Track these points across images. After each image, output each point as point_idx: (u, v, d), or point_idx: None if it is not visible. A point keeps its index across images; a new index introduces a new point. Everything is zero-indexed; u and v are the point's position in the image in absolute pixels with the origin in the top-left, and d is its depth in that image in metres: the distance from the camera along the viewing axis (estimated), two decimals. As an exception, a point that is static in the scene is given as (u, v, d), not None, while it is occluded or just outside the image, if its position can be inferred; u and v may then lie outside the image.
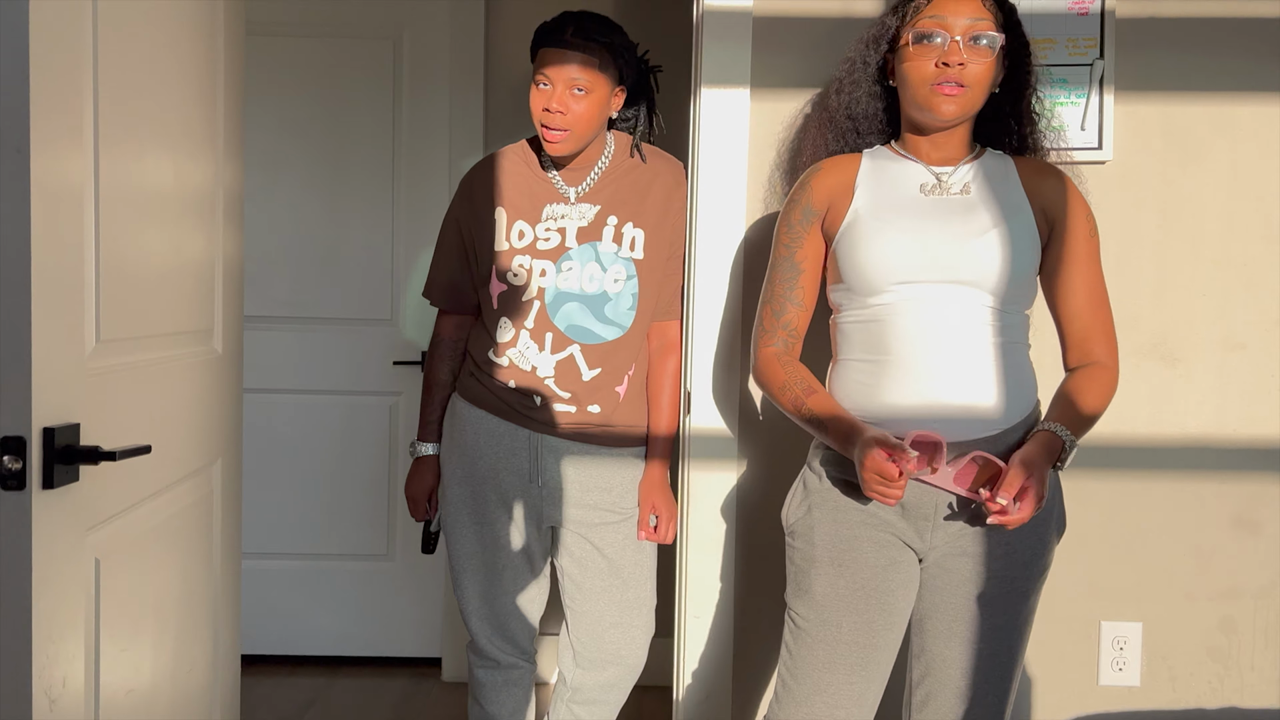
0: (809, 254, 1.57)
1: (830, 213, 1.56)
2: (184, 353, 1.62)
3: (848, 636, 1.49)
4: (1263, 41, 1.95)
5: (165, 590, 1.56)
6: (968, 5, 1.46)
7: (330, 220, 3.07)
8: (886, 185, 1.54)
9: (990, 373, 1.46)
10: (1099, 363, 1.53)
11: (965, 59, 1.44)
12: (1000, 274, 1.45)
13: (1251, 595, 2.01)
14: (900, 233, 1.48)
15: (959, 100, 1.46)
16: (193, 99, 1.61)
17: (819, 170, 1.59)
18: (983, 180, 1.53)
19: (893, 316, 1.47)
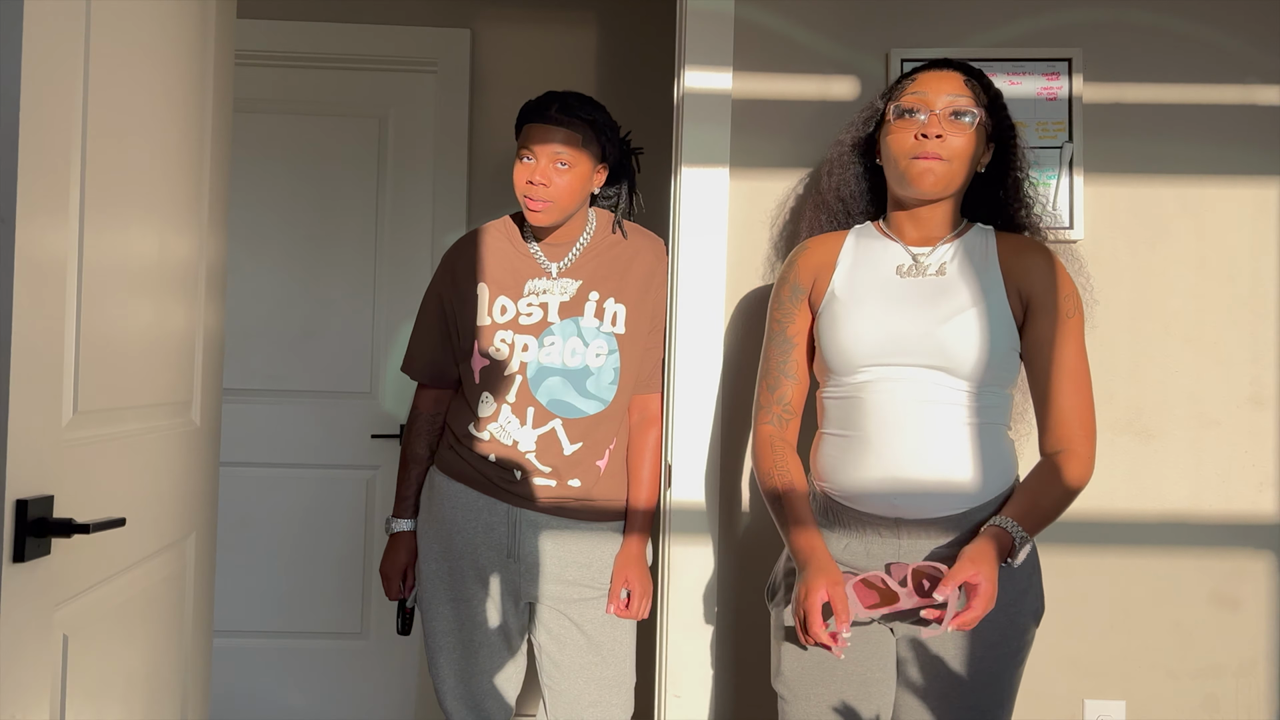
0: (800, 328, 1.61)
1: (814, 289, 1.60)
2: (162, 424, 1.61)
3: (815, 713, 1.50)
4: (1225, 126, 2.02)
5: (134, 668, 1.53)
6: (949, 83, 1.51)
7: (311, 294, 3.08)
8: (865, 265, 1.57)
9: (957, 452, 1.47)
10: (1067, 450, 1.49)
11: (944, 131, 1.48)
12: (968, 358, 1.47)
13: (1233, 673, 2.01)
14: (871, 316, 1.51)
15: (937, 172, 1.49)
16: (179, 172, 1.63)
17: (805, 248, 1.64)
18: (960, 260, 1.54)
19: (864, 395, 1.50)
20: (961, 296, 1.50)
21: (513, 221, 1.99)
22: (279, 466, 3.08)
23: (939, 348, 1.47)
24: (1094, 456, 1.52)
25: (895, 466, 1.47)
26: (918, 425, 1.47)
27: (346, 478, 3.09)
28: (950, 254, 1.55)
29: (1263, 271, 2.02)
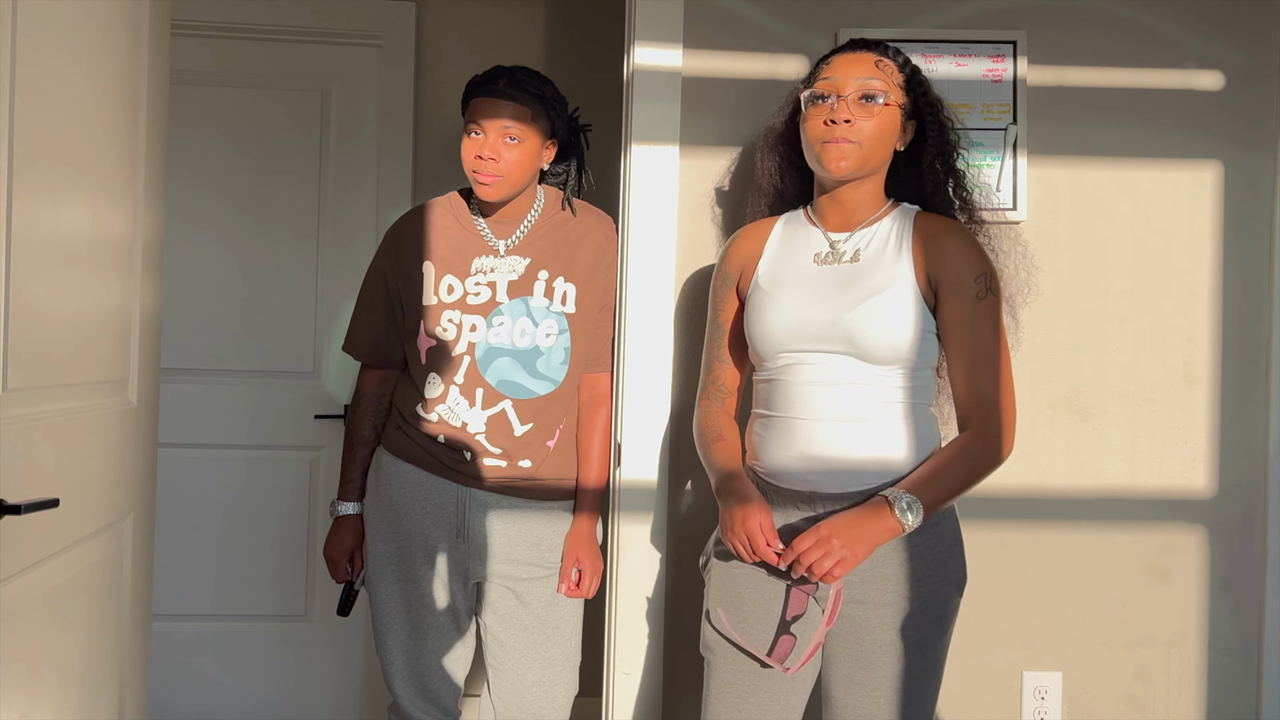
0: (729, 315, 1.69)
1: (742, 278, 1.66)
2: (97, 403, 1.56)
3: (741, 679, 1.55)
4: (1164, 110, 2.06)
5: (69, 653, 1.49)
6: (859, 65, 1.54)
7: (252, 271, 3.01)
8: (787, 254, 1.62)
9: (867, 432, 1.51)
10: (978, 430, 1.52)
11: (852, 116, 1.51)
12: (875, 343, 1.50)
13: (1164, 644, 2.07)
14: (786, 305, 1.56)
15: (850, 155, 1.51)
16: (112, 145, 1.58)
17: (737, 237, 1.69)
18: (875, 246, 1.57)
19: (784, 378, 1.56)
20: (871, 283, 1.53)
21: (459, 198, 1.96)
22: (220, 447, 3.02)
23: (846, 335, 1.51)
24: (1007, 435, 1.53)
25: (809, 445, 1.52)
26: (830, 407, 1.52)
27: (289, 459, 3.04)
28: (866, 240, 1.58)
29: (1197, 253, 2.07)
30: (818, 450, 1.52)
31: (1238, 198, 2.07)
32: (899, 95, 1.55)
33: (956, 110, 2.01)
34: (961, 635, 2.05)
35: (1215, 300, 2.07)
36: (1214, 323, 2.07)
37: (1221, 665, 2.07)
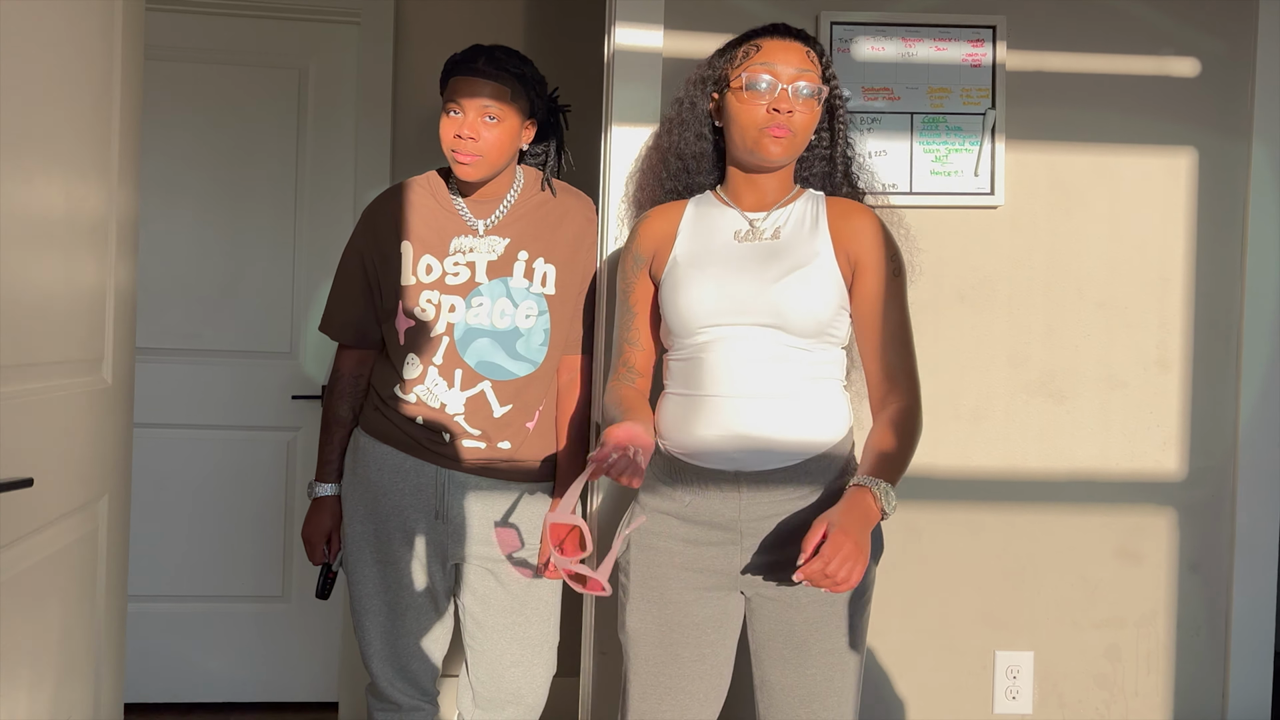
0: (640, 297, 1.68)
1: (655, 259, 1.66)
2: (71, 382, 1.55)
3: (655, 669, 1.57)
4: (1140, 97, 2.08)
5: (45, 633, 1.48)
6: (794, 56, 1.56)
7: (229, 250, 2.99)
8: (704, 232, 1.63)
9: (792, 407, 1.53)
10: (899, 404, 1.55)
11: (794, 107, 1.54)
12: (800, 315, 1.53)
13: (1134, 624, 2.10)
14: (710, 279, 1.57)
15: (785, 144, 1.54)
16: (87, 121, 1.56)
17: (647, 218, 1.69)
18: (793, 225, 1.60)
19: (705, 355, 1.56)
20: (793, 258, 1.56)
21: (438, 177, 1.95)
22: (196, 428, 3.00)
23: (772, 306, 1.53)
24: (921, 406, 1.57)
25: (735, 423, 1.53)
26: (755, 382, 1.53)
27: (266, 439, 3.03)
28: (784, 218, 1.61)
29: (1171, 239, 2.09)
30: (743, 428, 1.53)
31: (1211, 184, 2.09)
32: (822, 87, 1.59)
33: (936, 95, 2.03)
34: (935, 616, 2.07)
35: (1188, 285, 2.09)
36: (1186, 307, 2.09)
37: (1190, 644, 2.10)
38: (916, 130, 2.03)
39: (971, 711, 2.08)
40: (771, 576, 1.55)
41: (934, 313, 2.06)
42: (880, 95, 2.03)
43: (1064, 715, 2.09)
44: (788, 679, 1.55)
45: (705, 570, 1.57)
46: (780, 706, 1.56)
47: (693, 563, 1.57)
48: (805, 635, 1.54)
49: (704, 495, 1.56)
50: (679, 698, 1.57)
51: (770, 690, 1.57)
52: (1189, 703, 2.10)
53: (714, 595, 1.58)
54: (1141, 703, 2.10)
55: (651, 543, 1.59)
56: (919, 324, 2.06)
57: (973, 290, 2.07)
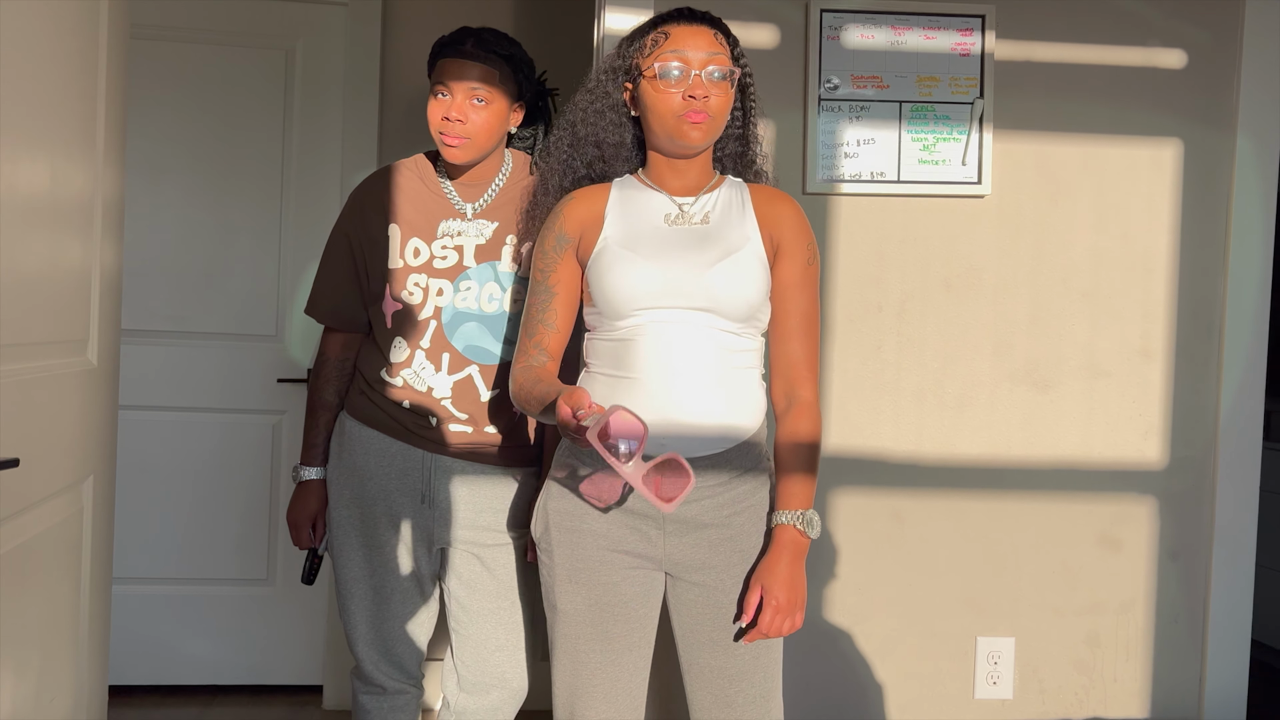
0: (562, 278, 1.66)
1: (583, 241, 1.65)
2: (57, 363, 1.54)
3: (586, 645, 1.60)
4: (1128, 87, 2.09)
5: (29, 615, 1.48)
6: (704, 40, 1.57)
7: (214, 232, 2.97)
8: (633, 215, 1.63)
9: (719, 395, 1.56)
10: (802, 401, 1.59)
11: (709, 92, 1.55)
12: (732, 300, 1.55)
13: (1114, 610, 2.12)
14: (644, 261, 1.57)
15: (704, 128, 1.56)
16: (72, 100, 1.55)
17: (572, 199, 1.68)
18: (721, 209, 1.62)
19: (637, 338, 1.57)
20: (725, 242, 1.58)
21: (426, 160, 1.94)
22: (181, 410, 2.99)
23: (706, 291, 1.55)
24: (818, 398, 1.61)
25: (663, 406, 1.54)
26: (687, 368, 1.55)
27: (251, 422, 3.02)
28: (712, 203, 1.63)
29: (1156, 230, 2.10)
30: (672, 412, 1.54)
31: (1196, 175, 2.11)
32: (734, 69, 1.60)
33: (925, 83, 2.04)
34: (918, 602, 2.09)
35: (1172, 276, 2.11)
36: (1170, 298, 2.11)
37: (1168, 632, 2.13)
38: (905, 119, 2.03)
39: (953, 697, 2.10)
40: (693, 557, 1.58)
41: (920, 301, 2.07)
42: (869, 83, 2.03)
43: (1044, 701, 2.12)
44: (716, 661, 1.58)
45: (629, 551, 1.59)
46: (708, 688, 1.59)
47: (617, 544, 1.59)
48: (730, 617, 1.57)
49: None
50: (611, 670, 1.60)
51: (699, 672, 1.60)
52: (1166, 689, 2.13)
53: (638, 574, 1.60)
54: (1120, 688, 2.13)
55: (575, 524, 1.60)
56: (906, 313, 2.07)
57: (958, 279, 2.08)
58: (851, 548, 2.09)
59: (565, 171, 1.72)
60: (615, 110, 1.65)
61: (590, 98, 1.68)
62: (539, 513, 1.66)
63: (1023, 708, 2.11)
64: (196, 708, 2.95)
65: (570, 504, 1.61)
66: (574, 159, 1.71)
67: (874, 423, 2.07)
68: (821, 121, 2.03)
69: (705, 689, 1.60)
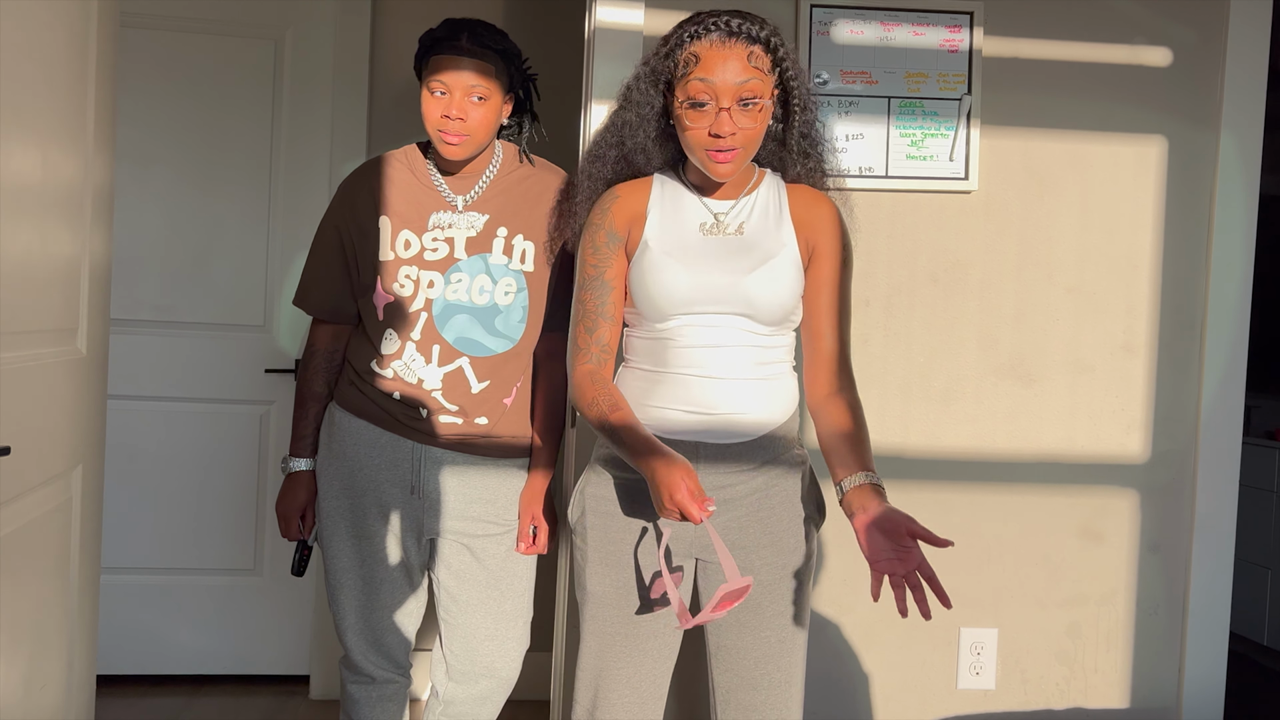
0: (617, 273, 1.66)
1: (630, 238, 1.66)
2: (45, 351, 1.54)
3: (613, 629, 1.62)
4: (1114, 84, 2.11)
5: (18, 603, 1.48)
6: (735, 66, 1.50)
7: (203, 222, 2.97)
8: (671, 218, 1.64)
9: (752, 391, 1.59)
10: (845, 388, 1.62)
11: (737, 127, 1.51)
12: (768, 305, 1.59)
13: (1095, 602, 2.15)
14: (682, 270, 1.59)
15: (732, 164, 1.54)
16: (62, 89, 1.54)
17: (617, 197, 1.67)
18: (757, 217, 1.63)
19: (674, 338, 1.60)
20: (761, 250, 1.61)
21: (417, 151, 1.94)
22: (169, 400, 2.98)
23: (744, 298, 1.58)
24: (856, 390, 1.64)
25: (698, 401, 1.59)
26: (720, 365, 1.59)
27: (240, 413, 3.02)
28: (747, 211, 1.64)
29: (1140, 226, 2.13)
30: (706, 405, 1.58)
31: (1180, 173, 2.13)
32: (771, 83, 1.55)
33: (913, 80, 2.05)
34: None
35: (1155, 272, 2.13)
36: (1153, 294, 2.13)
37: (1148, 623, 2.16)
38: (893, 114, 2.05)
39: (936, 687, 2.13)
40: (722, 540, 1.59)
41: (907, 295, 2.09)
42: (858, 79, 2.04)
43: (1026, 691, 2.14)
44: (743, 642, 1.61)
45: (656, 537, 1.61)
46: (735, 670, 1.61)
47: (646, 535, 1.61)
48: (760, 599, 1.60)
49: None
50: (635, 656, 1.62)
51: (726, 654, 1.62)
52: (1146, 679, 2.16)
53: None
54: (1101, 679, 2.15)
55: (609, 509, 1.63)
56: (893, 306, 2.09)
57: (945, 273, 2.09)
58: (838, 539, 2.10)
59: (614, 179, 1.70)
60: (657, 118, 1.62)
61: (635, 110, 1.63)
62: (576, 498, 1.69)
63: (1005, 698, 2.14)
64: (183, 697, 2.95)
65: (606, 490, 1.64)
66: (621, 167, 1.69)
67: (860, 416, 2.09)
68: (811, 116, 2.04)
69: (731, 671, 1.62)
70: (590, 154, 1.74)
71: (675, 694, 2.09)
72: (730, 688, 1.62)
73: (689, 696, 2.10)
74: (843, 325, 1.64)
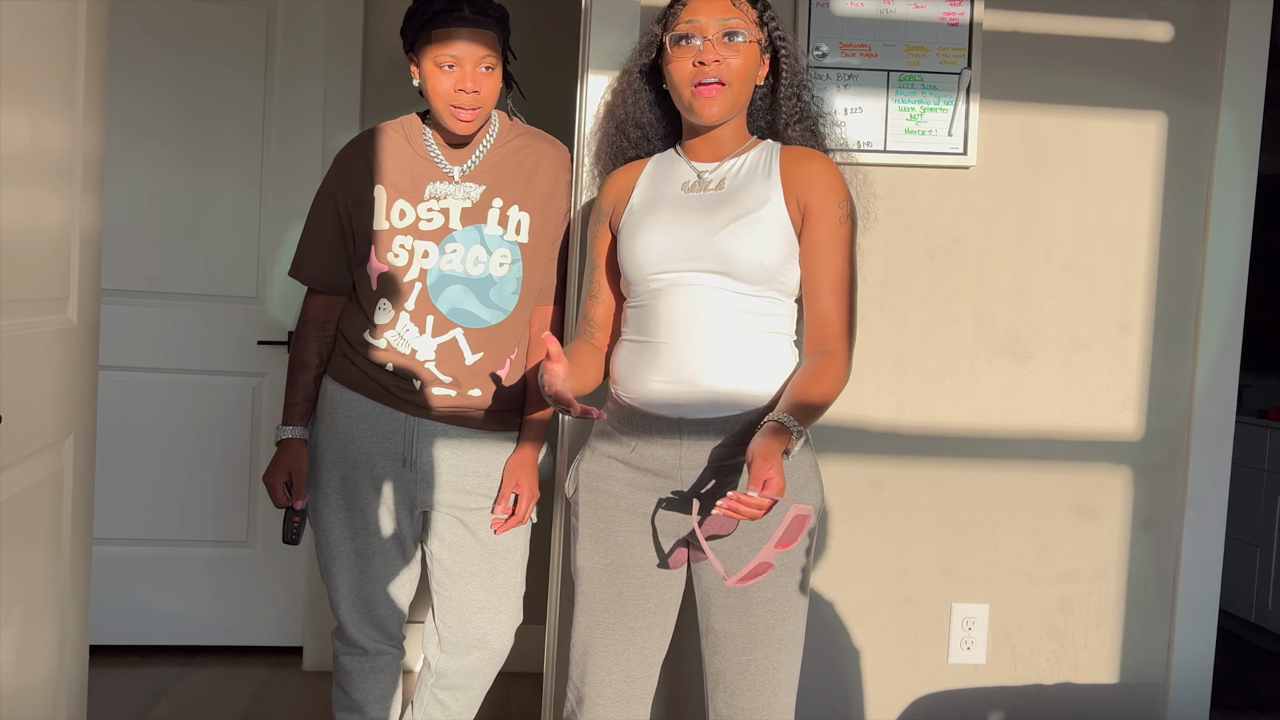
0: (602, 250, 1.70)
1: (615, 212, 1.68)
2: (35, 320, 1.53)
3: (601, 605, 1.62)
4: (1115, 60, 2.09)
5: (9, 573, 1.48)
6: (718, 5, 1.55)
7: (194, 191, 2.94)
8: (658, 184, 1.65)
9: (738, 360, 1.55)
10: (830, 352, 1.55)
11: (721, 56, 1.53)
12: (745, 261, 1.54)
13: (1087, 578, 2.16)
14: (658, 227, 1.58)
15: (720, 100, 1.55)
16: (50, 55, 1.52)
17: (612, 176, 1.71)
18: (742, 174, 1.61)
19: (656, 303, 1.58)
20: (741, 205, 1.57)
21: (417, 121, 1.92)
22: (161, 371, 2.97)
23: (719, 253, 1.54)
24: (850, 357, 1.57)
25: (679, 370, 1.55)
26: (703, 332, 1.55)
27: (232, 384, 3.01)
28: (734, 169, 1.62)
29: (1138, 203, 2.12)
30: (689, 376, 1.54)
31: (1179, 150, 2.12)
32: (757, 31, 1.58)
33: (913, 53, 2.03)
34: (895, 568, 2.12)
35: (1152, 249, 2.13)
36: (1150, 271, 2.13)
37: (1139, 599, 2.17)
38: (892, 88, 2.03)
39: (927, 661, 2.14)
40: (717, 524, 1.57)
41: (904, 271, 2.08)
42: (857, 52, 2.03)
43: (1016, 666, 2.16)
44: (731, 626, 1.59)
45: (649, 515, 1.60)
46: (724, 653, 1.61)
47: (638, 507, 1.60)
48: (748, 586, 1.57)
49: (649, 442, 1.58)
50: (623, 633, 1.61)
51: (715, 638, 1.61)
52: (1135, 655, 2.18)
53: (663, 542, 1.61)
54: (1090, 654, 2.17)
55: (600, 485, 1.63)
56: (889, 282, 2.08)
57: (942, 249, 2.09)
58: (831, 514, 2.11)
59: (616, 154, 1.73)
60: (648, 88, 1.66)
61: (626, 79, 1.69)
62: (572, 473, 1.69)
63: (995, 673, 2.15)
64: (176, 668, 2.96)
65: (600, 466, 1.63)
66: (619, 140, 1.72)
67: (855, 391, 2.08)
68: (809, 89, 2.02)
69: (720, 654, 1.61)
70: (591, 132, 1.76)
71: (667, 673, 2.10)
72: (720, 670, 1.62)
73: (679, 675, 2.11)
74: (840, 290, 1.56)
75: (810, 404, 1.49)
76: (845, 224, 1.57)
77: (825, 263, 1.56)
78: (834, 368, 1.53)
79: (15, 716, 1.52)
